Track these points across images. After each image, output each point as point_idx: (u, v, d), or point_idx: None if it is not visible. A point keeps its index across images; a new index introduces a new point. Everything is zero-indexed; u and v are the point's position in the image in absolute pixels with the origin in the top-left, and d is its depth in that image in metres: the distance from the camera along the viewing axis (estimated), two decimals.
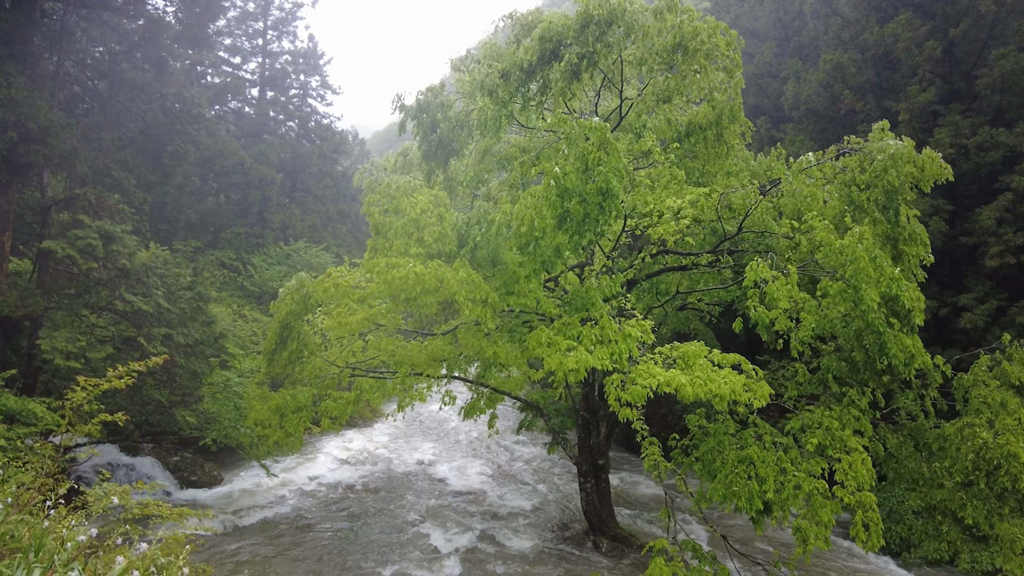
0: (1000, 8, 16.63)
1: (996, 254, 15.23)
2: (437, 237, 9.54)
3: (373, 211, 10.23)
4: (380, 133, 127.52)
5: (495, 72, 11.12)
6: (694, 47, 10.58)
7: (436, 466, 22.37)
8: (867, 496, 7.89)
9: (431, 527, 15.95)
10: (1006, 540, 8.21)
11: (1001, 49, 16.50)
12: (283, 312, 13.03)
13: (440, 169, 13.96)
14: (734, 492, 8.09)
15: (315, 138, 39.91)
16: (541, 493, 19.50)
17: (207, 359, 16.52)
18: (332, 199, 40.30)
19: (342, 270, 11.12)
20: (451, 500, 18.59)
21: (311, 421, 13.40)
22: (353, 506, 17.48)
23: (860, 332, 9.22)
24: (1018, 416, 9.00)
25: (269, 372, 13.79)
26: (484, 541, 15.25)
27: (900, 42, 17.12)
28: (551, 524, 16.72)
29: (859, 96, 18.44)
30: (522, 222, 8.56)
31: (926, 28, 17.36)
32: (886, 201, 10.47)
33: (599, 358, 8.61)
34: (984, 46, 17.58)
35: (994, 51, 16.54)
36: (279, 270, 30.64)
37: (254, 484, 19.04)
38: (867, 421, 9.01)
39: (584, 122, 8.85)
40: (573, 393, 16.05)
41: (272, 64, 38.94)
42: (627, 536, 15.24)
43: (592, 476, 15.31)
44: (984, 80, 16.65)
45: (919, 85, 17.06)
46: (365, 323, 9.59)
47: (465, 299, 8.84)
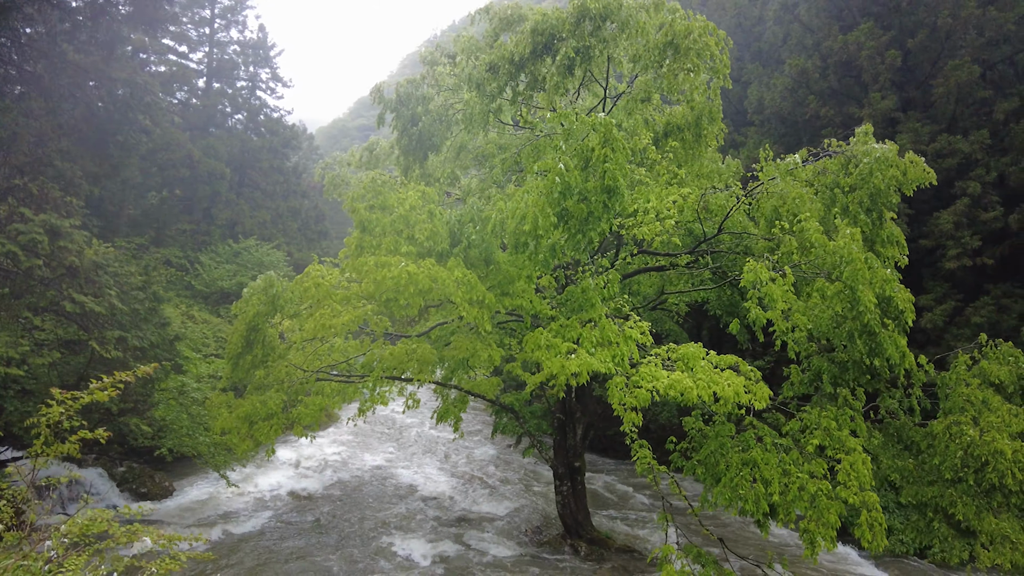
0: (955, 21, 17.34)
1: (954, 256, 15.85)
2: (429, 235, 9.09)
3: (358, 207, 9.69)
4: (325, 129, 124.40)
5: (483, 65, 10.75)
6: (686, 46, 10.49)
7: (398, 471, 21.77)
8: (870, 496, 7.92)
9: (403, 536, 15.42)
10: (997, 535, 8.40)
11: (956, 61, 17.21)
12: (250, 313, 12.32)
13: (417, 165, 13.45)
14: (740, 495, 7.99)
15: (265, 132, 38.41)
16: (510, 497, 19.20)
17: (162, 363, 15.47)
18: (283, 195, 38.86)
19: (321, 269, 10.52)
20: (419, 506, 18.05)
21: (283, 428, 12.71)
22: (318, 516, 16.73)
23: (852, 333, 9.32)
24: (1001, 414, 9.27)
25: (233, 377, 13.02)
26: (461, 549, 14.83)
27: (864, 50, 17.65)
28: (525, 529, 16.43)
29: (823, 101, 18.93)
30: (524, 220, 8.22)
31: (887, 38, 17.97)
32: (871, 204, 10.64)
33: (602, 361, 8.37)
34: (939, 57, 18.31)
35: (950, 62, 17.24)
36: (228, 269, 29.27)
37: (209, 495, 18.02)
38: (862, 421, 9.10)
39: (585, 117, 8.60)
40: (548, 396, 15.82)
41: (220, 54, 37.25)
42: (604, 539, 15.10)
43: (568, 479, 15.11)
44: (940, 90, 17.32)
45: (880, 93, 17.63)
46: (351, 325, 9.05)
47: (463, 300, 8.44)
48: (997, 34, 16.92)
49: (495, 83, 10.53)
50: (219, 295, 29.03)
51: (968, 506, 8.72)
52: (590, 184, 8.42)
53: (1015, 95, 16.86)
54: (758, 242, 12.07)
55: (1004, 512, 8.77)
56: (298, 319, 13.72)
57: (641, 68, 10.32)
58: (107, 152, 16.36)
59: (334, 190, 19.94)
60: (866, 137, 11.03)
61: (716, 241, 12.99)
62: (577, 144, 8.52)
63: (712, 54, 11.06)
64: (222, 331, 25.38)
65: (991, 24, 16.97)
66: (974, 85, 16.96)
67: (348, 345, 14.41)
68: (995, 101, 16.99)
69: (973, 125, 17.14)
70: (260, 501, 17.85)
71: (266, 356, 12.75)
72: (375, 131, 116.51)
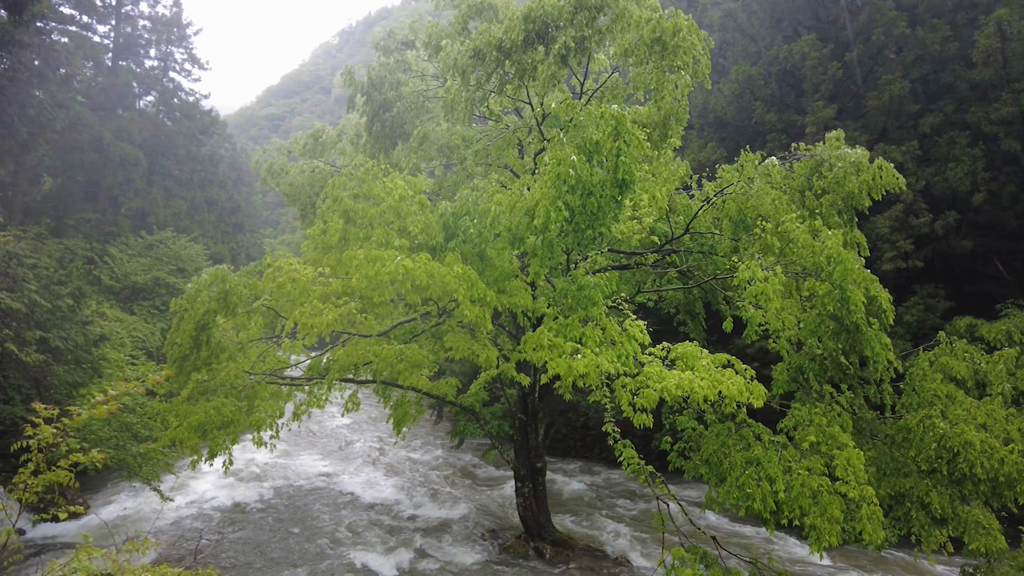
0: (888, 39, 18.46)
1: (889, 259, 16.87)
2: (423, 228, 8.50)
3: (342, 195, 8.93)
4: (232, 117, 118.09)
5: (467, 51, 10.22)
6: (674, 44, 10.44)
7: (338, 478, 20.77)
8: (867, 490, 8.12)
9: (357, 547, 14.62)
10: (971, 522, 8.85)
11: (888, 76, 18.34)
12: (199, 312, 11.24)
13: (383, 154, 12.72)
14: (747, 494, 7.98)
15: (180, 116, 35.60)
16: (457, 499, 18.69)
17: (82, 366, 13.82)
18: (199, 185, 36.18)
19: (294, 263, 9.64)
20: (367, 515, 17.23)
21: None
22: (258, 529, 15.58)
23: (837, 331, 9.58)
24: (966, 406, 9.81)
25: (178, 381, 11.83)
26: (421, 558, 14.22)
27: (808, 60, 18.47)
28: (482, 533, 16.01)
29: (768, 108, 19.67)
30: (531, 214, 7.82)
31: (828, 50, 18.88)
32: (843, 206, 11.01)
33: (609, 360, 8.12)
34: (871, 71, 19.45)
35: (883, 77, 18.34)
36: (143, 263, 26.85)
37: (132, 510, 16.41)
38: (848, 417, 9.36)
39: (592, 109, 8.30)
40: (509, 395, 15.47)
41: (130, 30, 34.14)
42: (567, 540, 14.94)
43: (530, 480, 14.85)
44: (874, 102, 18.39)
45: (823, 102, 18.50)
46: (336, 325, 8.31)
47: (465, 298, 7.93)
48: (924, 53, 18.16)
49: (482, 70, 10.04)
50: (130, 291, 26.60)
51: (943, 496, 9.15)
52: (596, 178, 8.14)
53: (939, 111, 18.17)
54: (723, 242, 12.22)
55: (974, 500, 9.28)
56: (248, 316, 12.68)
57: (634, 62, 10.15)
58: (12, 128, 14.40)
59: (272, 179, 18.66)
60: (838, 142, 11.41)
61: (679, 242, 13.08)
62: (583, 136, 8.22)
63: (696, 55, 11.08)
64: (138, 330, 23.23)
65: (919, 43, 18.20)
66: (904, 99, 18.13)
67: (295, 345, 13.55)
68: (922, 115, 18.24)
69: (903, 137, 18.32)
70: (193, 514, 16.43)
71: (210, 358, 11.67)
72: (286, 120, 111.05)
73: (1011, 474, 8.98)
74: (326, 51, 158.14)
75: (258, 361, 13.29)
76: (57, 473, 3.97)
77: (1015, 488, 9.15)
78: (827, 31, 19.88)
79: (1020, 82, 16.98)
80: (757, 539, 15.48)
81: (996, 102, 17.11)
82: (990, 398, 10.12)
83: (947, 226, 16.93)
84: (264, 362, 13.50)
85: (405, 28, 14.88)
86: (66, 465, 4.22)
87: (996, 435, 9.38)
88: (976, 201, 16.91)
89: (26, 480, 3.84)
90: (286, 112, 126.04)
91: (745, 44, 21.14)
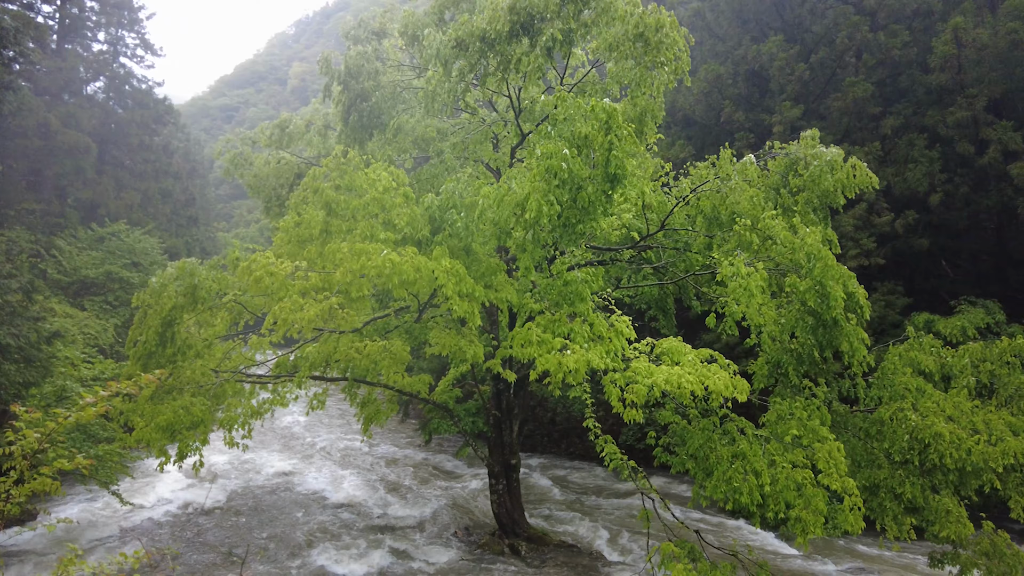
0: (851, 42, 18.97)
1: (854, 256, 17.36)
2: (409, 221, 8.27)
3: (323, 186, 8.62)
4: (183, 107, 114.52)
5: (449, 40, 10.01)
6: (657, 40, 10.45)
7: (301, 477, 20.29)
8: (849, 482, 8.30)
9: (328, 550, 14.28)
10: (941, 511, 9.15)
11: (851, 78, 18.85)
12: (166, 307, 10.81)
13: (358, 145, 12.38)
14: (735, 488, 8.05)
15: (132, 104, 34.10)
16: (426, 498, 18.48)
17: (33, 364, 13.05)
18: (153, 176, 34.75)
19: (269, 256, 9.27)
20: (336, 515, 16.86)
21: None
22: (221, 532, 15.08)
23: (814, 327, 9.76)
24: (935, 399, 10.14)
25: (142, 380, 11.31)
26: (395, 558, 13.98)
27: (776, 61, 18.84)
28: (455, 531, 15.86)
29: (736, 107, 19.99)
30: (521, 207, 7.70)
31: (794, 51, 19.30)
32: (818, 204, 11.23)
33: (599, 356, 8.08)
34: (834, 74, 19.97)
35: (847, 79, 18.84)
36: (94, 256, 25.63)
37: (87, 516, 15.67)
38: (826, 411, 9.55)
39: (581, 102, 8.22)
40: (483, 392, 15.35)
41: (76, 11, 32.50)
42: (541, 536, 14.92)
43: (504, 477, 14.77)
44: (838, 103, 18.89)
45: (790, 102, 18.91)
46: (317, 321, 8.02)
47: (454, 293, 7.75)
48: (885, 57, 18.74)
49: (464, 61, 9.84)
50: (80, 285, 25.37)
51: (915, 486, 9.43)
52: (587, 172, 8.07)
53: (899, 113, 18.78)
54: (696, 239, 12.32)
55: (944, 489, 9.60)
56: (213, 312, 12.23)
57: (617, 57, 10.11)
58: None
59: (235, 170, 18.08)
60: (813, 141, 11.63)
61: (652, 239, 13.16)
62: (573, 130, 8.13)
63: (677, 51, 11.12)
64: (90, 327, 22.19)
65: (881, 48, 18.76)
66: (866, 102, 18.67)
67: (262, 342, 13.20)
68: (883, 117, 18.82)
69: (865, 138, 18.88)
70: (152, 519, 15.80)
71: (176, 355, 11.23)
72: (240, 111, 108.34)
73: (978, 463, 9.30)
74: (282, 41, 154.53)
75: (224, 359, 12.90)
76: (43, 481, 3.65)
77: (981, 477, 9.50)
78: (793, 32, 20.33)
79: (974, 88, 17.68)
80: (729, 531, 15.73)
81: (952, 106, 17.79)
82: (956, 391, 10.48)
83: (907, 225, 17.52)
84: (230, 359, 13.10)
85: (377, 16, 14.51)
86: (50, 472, 3.91)
87: (963, 426, 9.71)
88: (933, 201, 17.55)
89: (8, 489, 3.52)
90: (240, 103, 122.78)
91: (713, 43, 21.45)
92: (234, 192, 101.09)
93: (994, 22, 17.64)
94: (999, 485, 9.43)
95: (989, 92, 17.41)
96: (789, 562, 13.68)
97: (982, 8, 18.82)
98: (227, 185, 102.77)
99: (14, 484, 3.50)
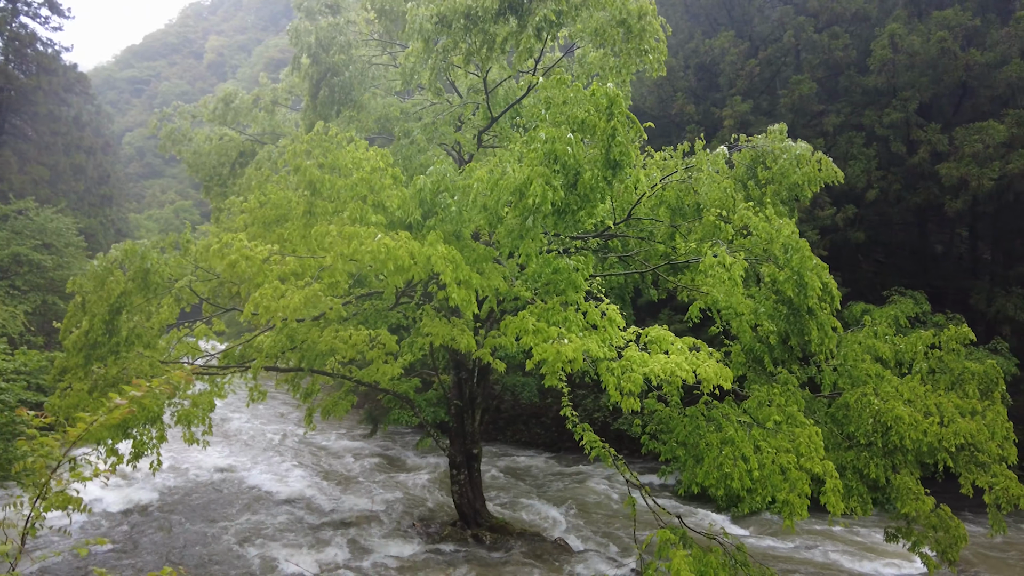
0: (797, 41, 19.71)
1: None
2: (400, 204, 7.85)
3: (305, 164, 8.03)
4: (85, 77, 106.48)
5: (431, 15, 9.55)
6: (640, 27, 10.40)
7: (243, 473, 19.34)
8: (828, 464, 8.62)
9: (282, 548, 13.63)
10: (903, 488, 9.70)
11: (797, 76, 19.61)
12: (114, 293, 9.96)
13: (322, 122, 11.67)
14: (726, 474, 8.19)
15: (37, 70, 31.02)
16: (375, 490, 18.04)
17: None
18: (64, 150, 31.82)
19: (241, 237, 8.57)
20: (283, 510, 16.17)
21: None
22: (161, 533, 14.14)
23: (788, 315, 10.07)
24: (894, 384, 10.72)
25: (84, 372, 10.41)
26: (356, 554, 13.51)
27: (728, 56, 19.32)
28: (412, 523, 15.53)
29: (688, 100, 20.40)
30: (521, 192, 7.45)
31: (745, 47, 19.86)
32: (786, 196, 11.58)
33: (597, 345, 7.98)
34: (779, 71, 20.72)
35: (793, 77, 19.58)
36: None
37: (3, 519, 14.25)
38: (800, 396, 9.90)
39: (580, 87, 8.04)
40: (443, 381, 15.06)
41: None
42: (503, 525, 14.86)
43: (465, 467, 14.59)
44: (784, 100, 19.62)
45: (741, 96, 19.47)
46: (303, 310, 7.48)
47: (452, 280, 7.43)
48: (828, 57, 19.60)
49: (448, 38, 9.44)
50: None
51: (879, 466, 9.95)
52: (585, 157, 7.92)
53: (839, 112, 19.72)
54: (660, 228, 12.47)
55: (903, 468, 10.18)
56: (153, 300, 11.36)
57: (605, 42, 9.99)
58: None
59: (173, 146, 16.89)
60: (781, 135, 11.97)
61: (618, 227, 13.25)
62: (571, 114, 7.94)
63: (653, 41, 11.12)
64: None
65: (824, 48, 19.60)
66: (810, 99, 19.49)
67: (208, 332, 12.60)
68: (825, 115, 19.71)
69: (809, 134, 19.71)
70: (80, 523, 14.56)
71: (119, 346, 10.39)
72: (152, 85, 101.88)
73: (933, 444, 9.92)
74: (196, 12, 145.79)
75: (167, 349, 12.10)
76: (65, 496, 3.15)
77: (936, 456, 10.14)
78: (741, 29, 20.91)
79: (906, 91, 18.79)
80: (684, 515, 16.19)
81: (887, 107, 18.84)
82: (910, 376, 11.14)
83: (846, 219, 18.47)
84: (175, 350, 12.29)
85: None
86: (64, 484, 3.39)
87: (919, 409, 10.33)
88: (870, 197, 18.57)
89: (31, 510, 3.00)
90: (151, 75, 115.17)
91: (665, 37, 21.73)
92: (145, 171, 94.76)
93: (925, 30, 18.79)
94: (952, 464, 10.09)
95: (920, 96, 18.55)
96: (746, 543, 14.23)
97: (912, 16, 20.00)
98: (137, 163, 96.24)
99: (38, 499, 2.98)
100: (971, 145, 16.74)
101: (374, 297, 11.28)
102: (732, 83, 19.99)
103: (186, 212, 77.79)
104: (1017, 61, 17.52)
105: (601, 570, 13.04)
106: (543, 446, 24.10)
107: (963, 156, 16.96)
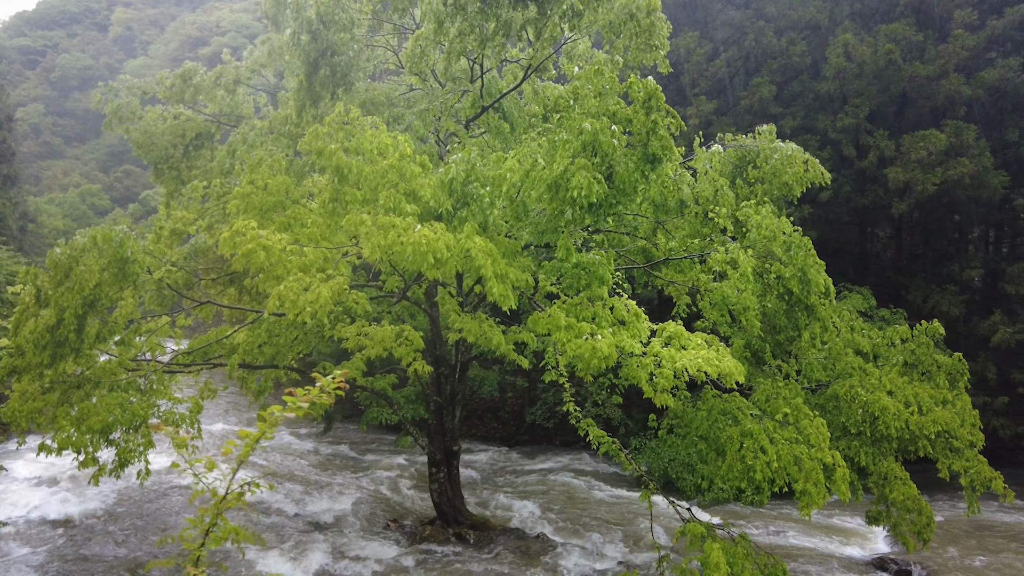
0: (757, 46, 20.43)
1: None
2: (433, 193, 7.46)
3: (331, 148, 7.47)
4: None
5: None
6: (648, 23, 10.40)
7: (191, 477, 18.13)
8: (836, 454, 8.97)
9: (256, 554, 12.90)
10: (890, 475, 10.26)
11: (758, 79, 20.34)
12: (90, 283, 9.15)
13: (313, 106, 11.04)
14: (749, 466, 8.34)
15: None
16: (342, 491, 17.41)
17: None
18: None
19: (253, 225, 7.91)
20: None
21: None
22: (109, 544, 13.14)
23: (788, 311, 10.40)
24: (877, 376, 11.31)
25: (51, 369, 9.48)
26: (335, 559, 12.97)
27: (695, 56, 19.76)
28: (386, 523, 15.10)
29: None
30: (563, 186, 7.26)
31: (709, 48, 20.39)
32: (777, 195, 11.95)
33: (630, 340, 7.92)
34: (737, 73, 21.42)
35: (754, 79, 20.29)
36: None
37: None
38: (798, 388, 10.25)
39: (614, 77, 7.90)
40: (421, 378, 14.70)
41: None
42: (484, 523, 14.72)
43: (445, 464, 14.34)
44: (745, 102, 20.31)
45: (704, 96, 19.98)
46: (329, 304, 6.97)
47: (491, 274, 7.15)
48: (787, 63, 20.43)
49: (465, 22, 9.07)
50: None
51: (868, 455, 10.47)
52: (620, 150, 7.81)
53: (794, 115, 20.61)
54: (643, 223, 12.63)
55: (888, 456, 10.77)
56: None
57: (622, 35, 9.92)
58: None
59: (119, 124, 15.60)
60: (771, 136, 12.32)
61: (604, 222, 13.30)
62: (605, 106, 7.81)
63: (658, 37, 11.18)
64: None
65: (783, 53, 20.42)
66: (769, 102, 20.26)
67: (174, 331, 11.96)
68: (783, 118, 20.55)
69: None
70: (16, 534, 13.31)
71: (81, 344, 9.56)
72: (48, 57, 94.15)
73: (914, 432, 10.55)
74: None
75: (141, 346, 11.34)
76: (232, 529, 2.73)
77: (917, 444, 10.78)
78: (703, 31, 21.45)
79: (857, 98, 19.88)
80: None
81: (840, 113, 19.86)
82: (889, 368, 11.79)
83: (802, 218, 19.35)
84: (142, 346, 11.49)
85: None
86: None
87: (900, 400, 10.95)
88: (823, 198, 19.54)
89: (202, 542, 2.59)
90: (47, 46, 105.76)
91: None
92: (43, 151, 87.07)
93: (873, 41, 19.93)
94: (931, 450, 10.75)
95: (869, 103, 19.68)
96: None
97: (860, 28, 21.16)
98: (32, 141, 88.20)
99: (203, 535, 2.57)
100: (917, 152, 17.92)
101: (371, 289, 10.79)
102: (695, 83, 20.49)
103: (94, 196, 72.12)
104: (954, 76, 18.90)
105: (590, 564, 13.09)
106: (500, 440, 24.00)
107: (909, 162, 18.14)
